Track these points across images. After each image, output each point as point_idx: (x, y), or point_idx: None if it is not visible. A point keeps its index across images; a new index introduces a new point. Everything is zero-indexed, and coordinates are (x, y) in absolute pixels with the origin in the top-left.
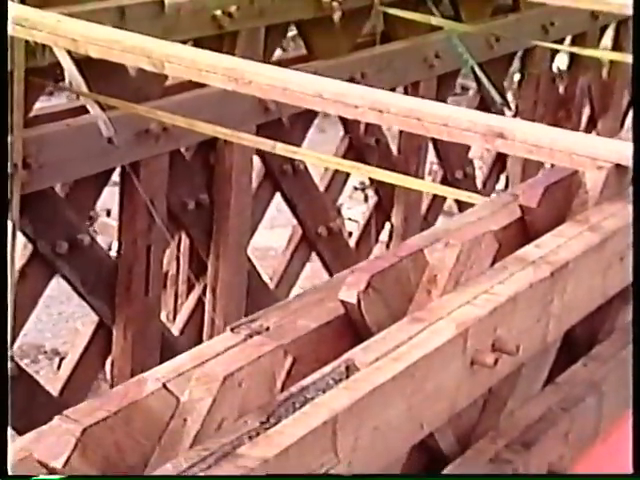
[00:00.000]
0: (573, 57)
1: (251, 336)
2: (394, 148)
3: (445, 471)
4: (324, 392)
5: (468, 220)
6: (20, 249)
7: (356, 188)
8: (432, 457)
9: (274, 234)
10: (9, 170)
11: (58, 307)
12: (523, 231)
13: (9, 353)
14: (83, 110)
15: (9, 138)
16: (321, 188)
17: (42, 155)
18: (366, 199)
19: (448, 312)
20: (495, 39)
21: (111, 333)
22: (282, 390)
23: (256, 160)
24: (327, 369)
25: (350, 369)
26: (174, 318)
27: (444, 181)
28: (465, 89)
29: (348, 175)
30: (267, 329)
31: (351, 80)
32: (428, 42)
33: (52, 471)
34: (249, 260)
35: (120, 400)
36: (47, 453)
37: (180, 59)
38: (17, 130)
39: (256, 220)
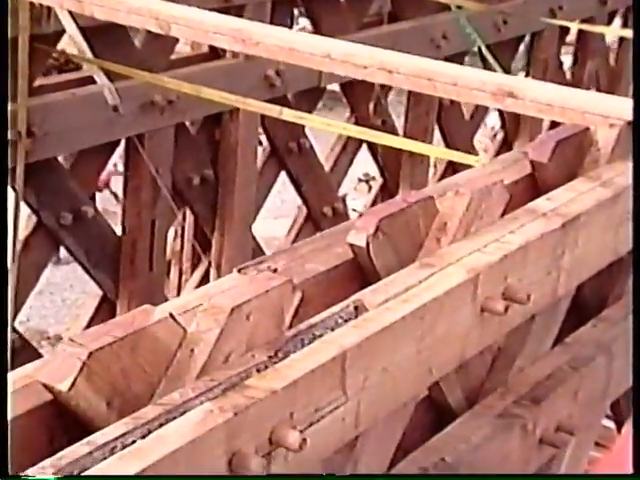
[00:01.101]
0: (580, 43)
1: None
2: (400, 129)
3: (452, 425)
4: (333, 330)
5: (478, 173)
6: (24, 220)
7: (360, 180)
8: (440, 413)
9: (278, 224)
10: (13, 137)
11: (61, 294)
12: (533, 187)
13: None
14: (89, 81)
15: (9, 105)
16: (326, 168)
17: (47, 124)
18: (370, 190)
19: (458, 258)
20: (503, 21)
21: (115, 308)
22: (290, 327)
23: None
24: (336, 308)
25: (359, 309)
26: (178, 294)
27: (449, 167)
28: None
29: (353, 157)
30: (275, 271)
31: None
32: (435, 23)
33: (57, 395)
34: (253, 238)
35: (127, 327)
36: (53, 376)
37: (187, 20)
38: (21, 98)
39: (261, 198)
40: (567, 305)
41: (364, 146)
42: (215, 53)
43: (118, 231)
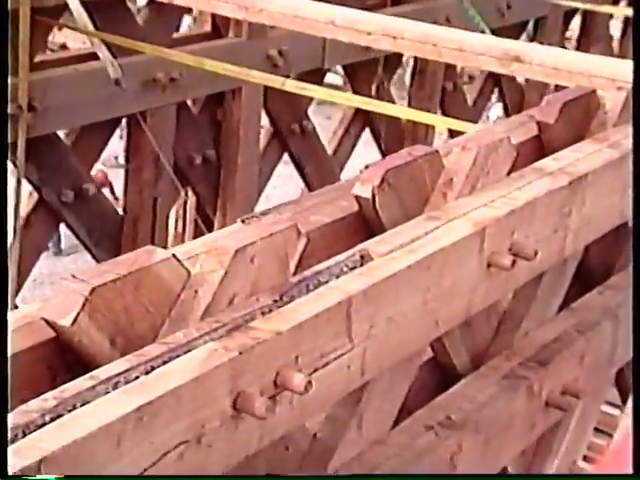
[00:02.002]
0: (584, 29)
1: None
2: None
3: (458, 385)
4: (338, 277)
5: (484, 133)
6: (26, 197)
7: (367, 167)
8: (446, 374)
9: None
10: (14, 111)
11: None
12: (540, 148)
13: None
14: (91, 57)
15: (10, 79)
16: (329, 151)
17: (48, 98)
18: None
19: (465, 212)
20: (507, 6)
21: None
22: (295, 274)
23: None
24: (341, 257)
25: (365, 258)
26: None
27: None
28: None
29: (356, 141)
30: None
31: None
32: (439, 5)
33: (60, 331)
34: None
35: (130, 265)
36: (55, 312)
37: None
38: (23, 71)
39: (264, 180)
40: (573, 269)
41: (365, 134)
42: (217, 32)
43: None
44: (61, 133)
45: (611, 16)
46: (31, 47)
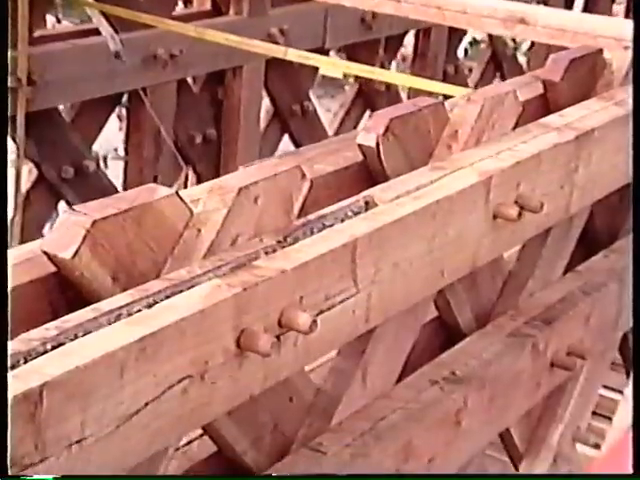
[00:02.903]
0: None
1: None
2: (404, 95)
3: (463, 342)
4: (342, 222)
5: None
6: (25, 174)
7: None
8: (450, 334)
9: None
10: (13, 84)
11: None
12: (545, 107)
13: None
14: (91, 33)
15: (9, 52)
16: (330, 133)
17: (48, 72)
18: None
19: (470, 163)
20: None
21: None
22: (299, 218)
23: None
24: (345, 202)
25: (369, 204)
26: None
27: None
28: (476, 41)
29: (357, 123)
30: None
31: (362, 21)
32: None
33: (61, 265)
34: None
35: (131, 201)
36: (56, 245)
37: None
38: (22, 45)
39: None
40: (579, 231)
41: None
42: (217, 9)
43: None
44: (61, 109)
45: None
46: (30, 21)
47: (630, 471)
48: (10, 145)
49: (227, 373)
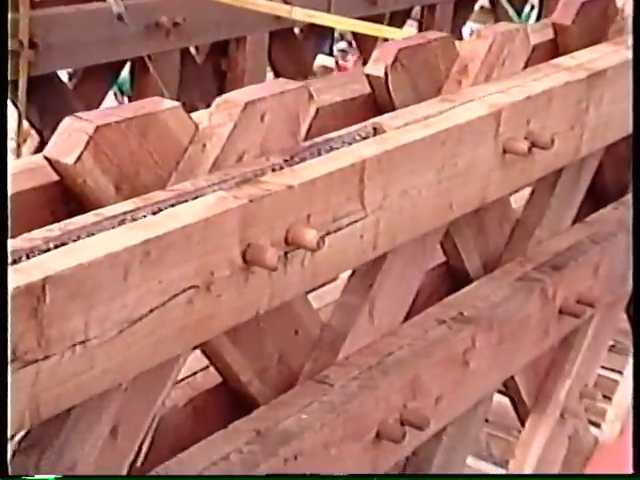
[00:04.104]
0: None
1: None
2: None
3: (471, 286)
4: (350, 145)
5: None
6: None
7: None
8: (458, 279)
9: None
10: (14, 47)
11: None
12: (555, 52)
13: None
14: None
15: (10, 15)
16: None
17: (50, 36)
18: None
19: (480, 96)
20: None
21: None
22: (305, 141)
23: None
24: (354, 128)
25: (378, 131)
26: None
27: None
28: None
29: None
30: None
31: None
32: None
33: (63, 172)
34: None
35: (136, 110)
36: (58, 150)
37: None
38: (23, 7)
39: None
40: (588, 181)
41: None
42: None
43: None
44: (64, 76)
45: None
46: None
47: (630, 469)
48: (10, 110)
49: (233, 286)
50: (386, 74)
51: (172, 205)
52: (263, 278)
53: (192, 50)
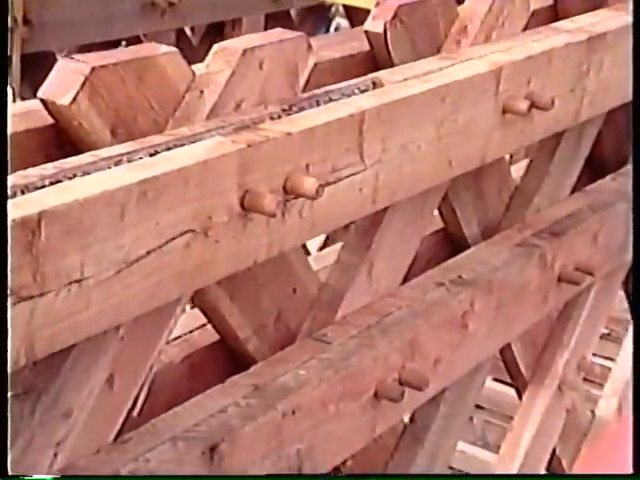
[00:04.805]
0: None
1: None
2: None
3: (470, 250)
4: (349, 97)
5: None
6: None
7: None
8: (456, 245)
9: None
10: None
11: None
12: (555, 18)
13: None
14: None
15: None
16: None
17: (44, 13)
18: None
19: (481, 55)
20: None
21: None
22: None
23: None
24: (353, 81)
25: (377, 85)
26: None
27: None
28: None
29: None
30: None
31: None
32: None
33: (58, 114)
34: None
35: (133, 54)
36: (53, 92)
37: None
38: None
39: None
40: (587, 150)
41: None
42: None
43: None
44: (58, 53)
45: None
46: None
47: (630, 469)
48: None
49: (231, 233)
50: (385, 31)
51: (169, 148)
52: (261, 226)
53: (187, 31)
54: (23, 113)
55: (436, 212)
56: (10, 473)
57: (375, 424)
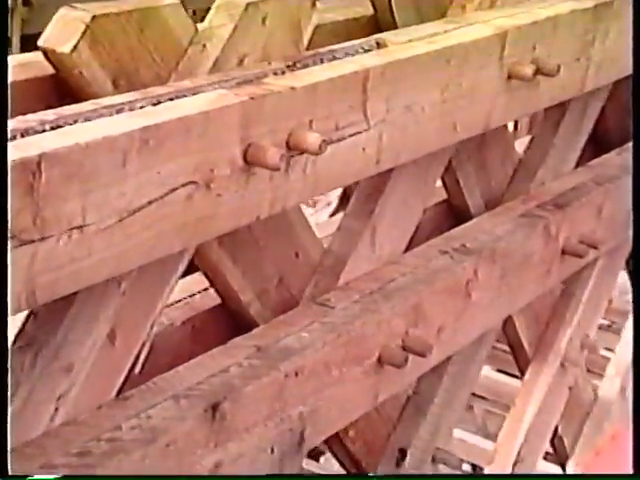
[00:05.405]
0: None
1: None
2: None
3: (473, 220)
4: (353, 56)
5: None
6: None
7: None
8: (459, 216)
9: None
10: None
11: None
12: None
13: None
14: None
15: None
16: None
17: None
18: None
19: (485, 20)
20: None
21: None
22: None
23: None
24: (357, 41)
25: (381, 45)
26: None
27: None
28: None
29: None
30: None
31: None
32: None
33: (59, 62)
34: None
35: (135, 4)
36: (54, 40)
37: None
38: None
39: None
40: (591, 123)
41: None
42: None
43: None
44: None
45: None
46: None
47: (630, 469)
48: None
49: (233, 187)
50: None
51: (171, 99)
52: (264, 181)
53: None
54: (23, 64)
55: (439, 184)
56: (10, 473)
57: (378, 390)
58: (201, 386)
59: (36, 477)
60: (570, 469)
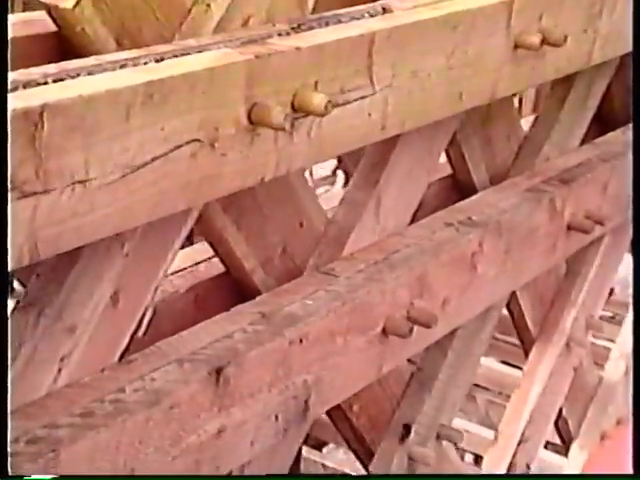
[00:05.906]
0: None
1: None
2: None
3: (479, 194)
4: (359, 20)
5: None
6: None
7: None
8: (464, 191)
9: None
10: None
11: None
12: None
13: None
14: None
15: None
16: None
17: None
18: None
19: None
20: None
21: None
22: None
23: None
24: (362, 6)
25: (387, 11)
26: None
27: None
28: None
29: None
30: None
31: None
32: None
33: (61, 20)
34: None
35: None
36: None
37: None
38: None
39: None
40: (597, 100)
41: None
42: None
43: None
44: None
45: None
46: None
47: (630, 469)
48: None
49: (238, 147)
50: None
51: (175, 56)
52: (269, 142)
53: None
54: (25, 21)
55: (444, 158)
56: (10, 473)
57: (383, 360)
58: (205, 351)
59: (36, 477)
60: (574, 452)
